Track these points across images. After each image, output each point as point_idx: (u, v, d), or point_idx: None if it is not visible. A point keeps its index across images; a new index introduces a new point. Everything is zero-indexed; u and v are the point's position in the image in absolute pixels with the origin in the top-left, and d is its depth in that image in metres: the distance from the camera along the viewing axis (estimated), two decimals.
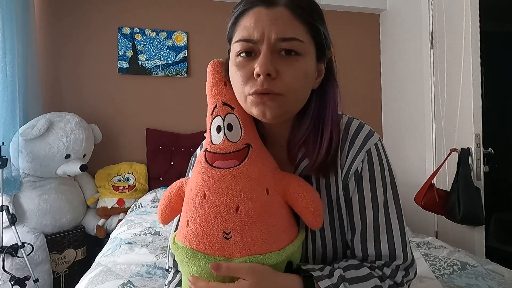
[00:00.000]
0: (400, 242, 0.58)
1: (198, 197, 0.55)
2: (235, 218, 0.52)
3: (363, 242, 0.59)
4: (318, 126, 0.61)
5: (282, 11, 0.55)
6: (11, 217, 1.65)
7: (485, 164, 1.89)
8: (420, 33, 2.34)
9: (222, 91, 0.62)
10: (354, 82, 2.80)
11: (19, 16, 1.94)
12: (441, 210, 1.89)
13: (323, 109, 0.62)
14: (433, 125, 2.26)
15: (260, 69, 0.53)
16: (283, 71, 0.55)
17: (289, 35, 0.55)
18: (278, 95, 0.55)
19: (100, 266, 1.23)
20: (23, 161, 1.88)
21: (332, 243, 0.63)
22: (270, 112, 0.56)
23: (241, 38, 0.57)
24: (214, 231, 0.52)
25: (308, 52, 0.57)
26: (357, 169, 0.61)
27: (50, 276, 1.86)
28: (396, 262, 0.58)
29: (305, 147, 0.62)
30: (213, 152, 0.59)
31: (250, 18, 0.56)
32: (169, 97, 2.53)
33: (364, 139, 0.61)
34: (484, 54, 1.89)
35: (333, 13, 2.76)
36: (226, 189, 0.54)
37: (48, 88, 2.32)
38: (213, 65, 0.65)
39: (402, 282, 0.58)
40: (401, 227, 0.60)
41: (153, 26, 2.50)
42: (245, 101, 0.58)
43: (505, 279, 1.08)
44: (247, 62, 0.57)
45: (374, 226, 0.59)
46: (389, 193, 0.61)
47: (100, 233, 2.10)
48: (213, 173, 0.57)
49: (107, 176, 2.27)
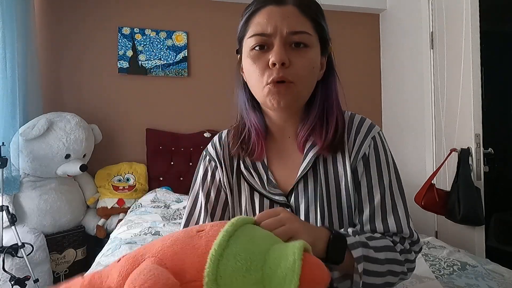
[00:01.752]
0: (406, 220, 0.63)
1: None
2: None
3: (371, 221, 0.63)
4: (323, 115, 0.67)
5: (292, 8, 0.62)
6: (11, 217, 1.65)
7: (485, 164, 1.89)
8: (420, 33, 2.34)
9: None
10: (354, 82, 2.80)
11: (19, 16, 1.94)
12: (441, 210, 1.89)
13: (328, 98, 0.68)
14: (433, 125, 2.26)
15: (276, 58, 0.59)
16: (294, 61, 0.60)
17: (299, 29, 0.61)
18: (291, 84, 0.61)
19: (100, 266, 1.23)
20: (23, 161, 1.88)
21: (339, 226, 0.65)
22: (284, 101, 0.61)
23: (255, 33, 0.62)
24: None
25: (314, 45, 0.64)
26: (365, 153, 0.66)
27: (50, 276, 1.86)
28: (403, 235, 0.63)
29: (313, 135, 0.67)
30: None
31: (263, 15, 0.62)
32: (169, 97, 2.53)
33: (368, 127, 0.68)
34: (484, 54, 1.89)
35: (334, 13, 2.76)
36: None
37: (48, 88, 2.32)
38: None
39: (410, 249, 0.63)
40: (405, 207, 0.65)
41: (153, 26, 2.50)
42: (262, 90, 0.62)
43: (505, 279, 1.08)
44: (261, 54, 0.62)
45: (381, 206, 0.63)
46: (393, 175, 0.66)
47: (100, 233, 2.10)
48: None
49: (107, 176, 2.27)
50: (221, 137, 0.77)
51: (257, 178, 0.70)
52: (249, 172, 0.71)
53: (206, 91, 2.52)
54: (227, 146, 0.75)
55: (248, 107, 0.71)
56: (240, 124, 0.74)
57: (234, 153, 0.72)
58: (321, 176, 0.67)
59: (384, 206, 0.63)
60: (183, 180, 2.41)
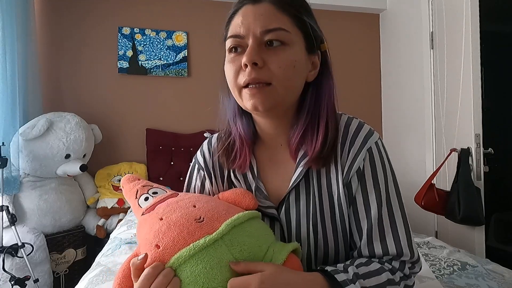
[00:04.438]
0: (406, 240, 0.59)
1: (156, 223, 0.55)
2: (197, 210, 0.55)
3: (369, 242, 0.59)
4: (315, 120, 0.63)
5: (267, 5, 0.59)
6: (11, 217, 1.65)
7: (485, 164, 1.89)
8: (420, 33, 2.34)
9: (136, 190, 0.66)
10: (354, 82, 2.80)
11: (19, 16, 1.94)
12: (441, 210, 1.89)
13: (317, 101, 0.63)
14: (433, 125, 2.26)
15: (246, 59, 0.56)
16: (270, 60, 0.57)
17: (273, 26, 0.57)
18: (267, 86, 0.57)
19: (100, 266, 1.23)
20: (23, 161, 1.88)
21: (334, 243, 0.63)
22: (261, 105, 0.58)
23: (230, 35, 0.61)
24: (187, 223, 0.53)
25: (294, 42, 0.59)
26: (359, 167, 0.61)
27: (50, 276, 1.86)
28: (403, 258, 0.58)
29: (305, 143, 0.63)
30: (150, 206, 0.61)
31: (239, 16, 0.60)
32: (169, 97, 2.53)
33: (364, 138, 0.62)
34: (484, 54, 1.89)
35: (334, 13, 2.76)
36: (176, 203, 0.58)
37: (48, 88, 2.32)
38: (124, 181, 0.71)
39: (409, 274, 0.59)
40: (405, 224, 0.60)
41: (153, 26, 2.50)
42: (239, 95, 0.60)
43: (505, 279, 1.08)
44: (237, 57, 0.60)
45: (379, 225, 0.59)
46: (392, 190, 0.61)
47: (100, 233, 2.10)
48: (158, 208, 0.59)
49: (107, 176, 2.27)
50: (210, 143, 0.74)
51: (247, 189, 0.67)
52: (239, 182, 0.69)
53: (206, 91, 2.52)
54: (216, 153, 0.71)
55: (236, 114, 0.68)
56: (226, 132, 0.71)
57: (221, 161, 0.70)
58: (314, 187, 0.63)
59: (382, 225, 0.59)
60: (183, 180, 2.41)
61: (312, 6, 0.65)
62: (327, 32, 0.67)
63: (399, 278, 0.57)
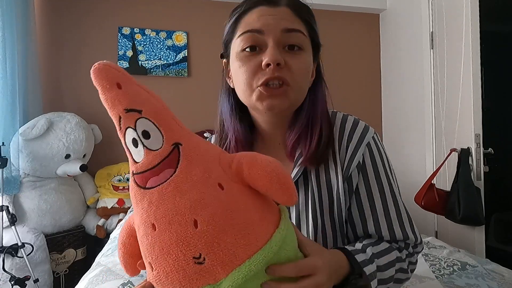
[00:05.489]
0: (409, 226, 0.63)
1: (148, 232, 0.44)
2: (197, 236, 0.41)
3: (377, 231, 0.62)
4: (310, 123, 0.64)
5: (285, 9, 0.59)
6: (11, 217, 1.66)
7: (485, 164, 1.89)
8: (420, 33, 2.34)
9: (120, 97, 0.48)
10: (354, 82, 2.80)
11: (19, 16, 1.94)
12: (441, 210, 1.89)
13: (313, 107, 0.65)
14: (433, 125, 2.26)
15: (270, 59, 0.55)
16: (290, 62, 0.57)
17: (294, 27, 0.58)
18: (286, 86, 0.57)
19: (100, 266, 1.23)
20: (23, 161, 1.88)
21: (332, 237, 0.64)
22: (278, 105, 0.58)
23: (245, 30, 0.58)
24: (182, 263, 0.41)
25: (308, 48, 0.61)
26: (359, 161, 0.63)
27: (50, 276, 1.86)
28: (409, 241, 0.63)
29: (301, 144, 0.65)
30: (140, 172, 0.47)
31: (254, 14, 0.59)
32: (169, 97, 2.52)
33: (361, 133, 0.64)
34: (484, 54, 1.89)
35: (334, 13, 2.76)
36: (173, 208, 0.43)
37: (48, 88, 2.32)
38: (95, 70, 0.47)
39: (413, 252, 0.64)
40: (407, 211, 0.65)
41: (153, 26, 2.50)
42: (251, 94, 0.59)
43: (505, 279, 1.08)
44: (252, 56, 0.58)
45: (386, 215, 0.62)
46: (392, 181, 0.65)
47: (100, 233, 2.10)
48: (151, 196, 0.45)
49: (107, 176, 2.27)
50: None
51: None
52: None
53: (206, 91, 2.52)
54: None
55: (233, 116, 0.67)
56: (221, 133, 0.70)
57: None
58: (312, 184, 0.64)
59: (389, 215, 0.62)
60: None
61: (312, 6, 0.65)
62: (327, 32, 0.67)
63: (405, 256, 0.61)
